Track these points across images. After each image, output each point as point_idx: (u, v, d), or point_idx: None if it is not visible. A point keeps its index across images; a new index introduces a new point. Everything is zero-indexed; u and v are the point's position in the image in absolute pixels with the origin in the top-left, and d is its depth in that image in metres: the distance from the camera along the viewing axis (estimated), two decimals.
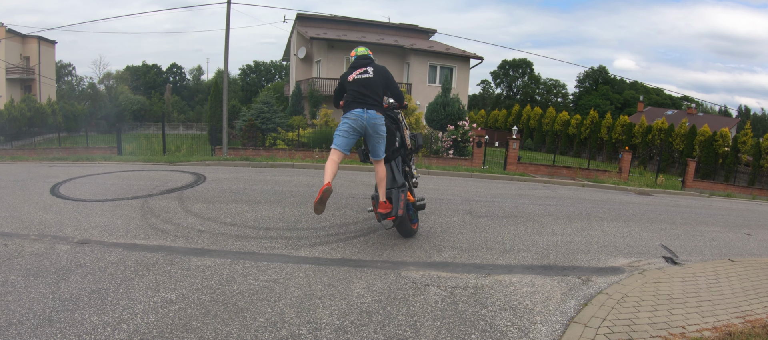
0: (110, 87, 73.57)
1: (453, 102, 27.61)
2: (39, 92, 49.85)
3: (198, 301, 5.34)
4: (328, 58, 38.63)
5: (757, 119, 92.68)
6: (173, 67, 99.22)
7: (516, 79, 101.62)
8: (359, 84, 7.56)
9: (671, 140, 45.21)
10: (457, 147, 25.85)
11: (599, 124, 51.70)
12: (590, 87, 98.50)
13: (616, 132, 49.98)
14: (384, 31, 44.83)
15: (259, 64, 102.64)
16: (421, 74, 39.51)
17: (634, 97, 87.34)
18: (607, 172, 27.90)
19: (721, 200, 21.11)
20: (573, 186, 19.80)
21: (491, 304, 5.75)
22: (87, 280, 5.83)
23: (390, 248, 7.74)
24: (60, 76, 70.89)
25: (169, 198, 10.78)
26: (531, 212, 11.71)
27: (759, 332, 5.40)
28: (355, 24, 44.83)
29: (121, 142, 25.58)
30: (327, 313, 5.22)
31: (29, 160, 21.80)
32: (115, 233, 7.95)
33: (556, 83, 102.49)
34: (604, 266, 7.78)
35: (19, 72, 49.08)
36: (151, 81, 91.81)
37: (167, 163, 18.40)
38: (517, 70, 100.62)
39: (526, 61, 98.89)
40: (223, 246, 7.43)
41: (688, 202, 18.35)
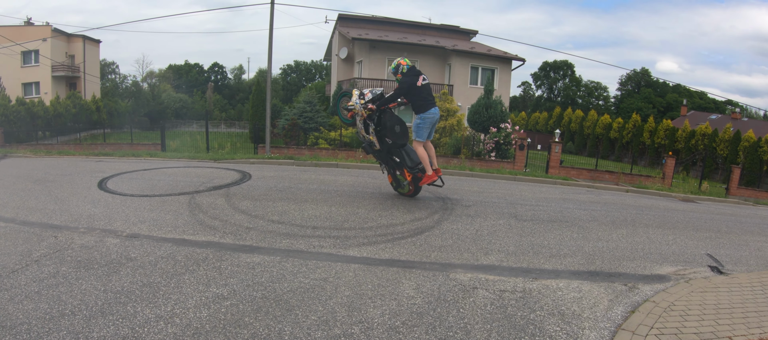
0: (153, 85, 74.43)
1: (495, 104, 27.46)
2: (84, 89, 50.67)
3: (249, 297, 5.39)
4: (370, 59, 38.67)
5: None
6: (215, 66, 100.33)
7: (557, 81, 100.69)
8: (427, 89, 10.24)
9: (715, 146, 44.43)
10: (499, 150, 25.72)
11: (641, 128, 51.02)
12: (632, 90, 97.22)
13: (658, 136, 49.30)
14: (425, 32, 44.72)
15: (300, 64, 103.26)
16: (463, 76, 39.35)
17: (677, 100, 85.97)
18: (651, 177, 27.54)
19: (766, 209, 20.69)
20: (617, 191, 19.55)
21: (539, 308, 5.72)
22: (138, 273, 5.93)
23: (437, 249, 7.73)
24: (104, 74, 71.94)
25: (215, 195, 10.90)
26: (576, 216, 11.60)
27: None
28: (396, 25, 44.77)
29: (165, 139, 25.89)
30: (378, 313, 5.23)
31: (75, 155, 22.12)
32: (163, 228, 8.07)
33: (597, 85, 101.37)
34: (650, 273, 7.68)
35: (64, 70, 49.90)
36: (193, 80, 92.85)
37: (212, 161, 18.57)
38: (557, 71, 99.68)
39: (567, 62, 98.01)
40: (272, 244, 7.49)
41: (733, 210, 18.00)
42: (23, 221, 8.46)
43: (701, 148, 45.02)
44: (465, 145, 26.00)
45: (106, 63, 77.47)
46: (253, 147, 26.17)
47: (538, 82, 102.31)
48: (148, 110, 60.09)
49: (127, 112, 55.67)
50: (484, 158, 25.02)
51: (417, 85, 9.96)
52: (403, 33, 42.69)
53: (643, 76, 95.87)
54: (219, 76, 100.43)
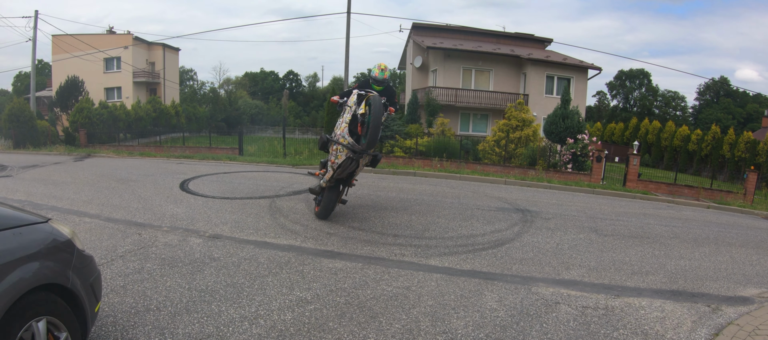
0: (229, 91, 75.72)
1: (572, 114, 27.07)
2: (163, 95, 52.09)
3: (333, 302, 5.45)
4: (445, 67, 38.56)
5: None
6: (290, 74, 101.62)
7: (633, 90, 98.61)
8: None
9: None
10: (576, 161, 25.36)
11: (721, 141, 49.43)
12: (711, 99, 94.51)
13: (738, 149, 47.65)
14: (499, 40, 44.33)
15: None
16: (538, 85, 38.87)
17: (758, 111, 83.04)
18: (732, 193, 26.73)
19: None
20: (697, 207, 19.07)
21: (622, 327, 5.63)
22: (221, 273, 6.07)
23: (518, 262, 7.70)
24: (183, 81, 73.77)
25: (296, 199, 11.07)
26: (657, 232, 11.37)
27: None
28: (471, 33, 44.47)
29: (243, 143, 26.38)
30: (461, 324, 5.22)
31: (156, 156, 22.79)
32: (245, 230, 8.24)
33: (674, 95, 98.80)
34: (733, 295, 7.46)
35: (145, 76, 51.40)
36: (269, 87, 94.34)
37: (290, 166, 18.86)
38: (633, 81, 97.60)
39: (643, 71, 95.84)
40: (353, 250, 7.57)
41: None
42: (108, 217, 8.78)
43: None
44: (541, 156, 25.72)
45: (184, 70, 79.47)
46: None
47: (614, 91, 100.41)
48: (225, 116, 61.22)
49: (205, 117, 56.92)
50: (560, 170, 24.71)
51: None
52: (478, 42, 42.42)
53: (722, 85, 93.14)
54: (294, 83, 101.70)
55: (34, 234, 3.56)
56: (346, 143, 8.39)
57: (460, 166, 23.20)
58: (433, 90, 37.60)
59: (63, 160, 20.15)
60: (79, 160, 19.99)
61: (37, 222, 3.66)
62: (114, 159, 20.78)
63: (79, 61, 41.96)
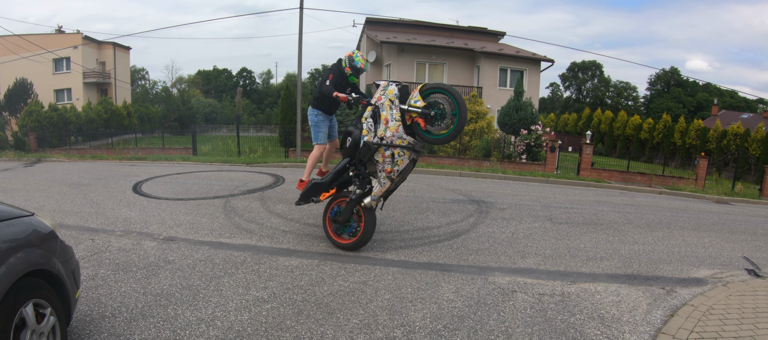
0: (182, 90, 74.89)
1: (526, 106, 27.33)
2: (115, 95, 51.29)
3: (290, 301, 5.42)
4: (399, 62, 38.60)
5: None
6: (243, 71, 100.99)
7: (585, 81, 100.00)
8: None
9: (747, 146, 43.69)
10: (530, 152, 25.64)
11: (672, 129, 50.37)
12: (662, 89, 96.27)
13: (689, 137, 48.62)
14: (453, 34, 44.57)
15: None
16: (492, 78, 39.13)
17: (708, 99, 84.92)
18: (683, 179, 27.25)
19: None
20: (650, 193, 19.39)
21: (579, 312, 5.71)
22: (177, 276, 5.99)
23: (474, 252, 7.76)
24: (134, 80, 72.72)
25: (250, 198, 10.98)
26: (611, 219, 11.55)
27: None
28: (424, 27, 44.66)
29: (196, 143, 26.15)
30: (419, 316, 5.24)
31: (108, 159, 22.47)
32: (200, 231, 8.14)
33: (626, 86, 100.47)
34: (687, 277, 7.63)
35: (95, 76, 50.52)
36: (222, 85, 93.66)
37: (244, 165, 18.71)
38: (586, 72, 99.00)
39: (595, 63, 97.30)
40: (309, 247, 7.55)
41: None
42: (60, 223, 8.57)
43: (733, 148, 44.39)
44: (495, 148, 25.94)
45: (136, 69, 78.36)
46: (284, 151, 26.28)
47: (567, 83, 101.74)
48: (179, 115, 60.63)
49: (158, 117, 56.31)
50: (515, 161, 24.93)
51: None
52: (432, 35, 42.56)
53: (673, 76, 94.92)
54: (247, 80, 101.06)
55: (22, 225, 3.86)
56: (407, 144, 7.06)
57: None
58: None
59: (12, 166, 19.69)
60: (30, 166, 19.57)
61: (23, 215, 3.97)
62: (65, 163, 20.40)
63: (28, 63, 41.05)
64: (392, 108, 7.11)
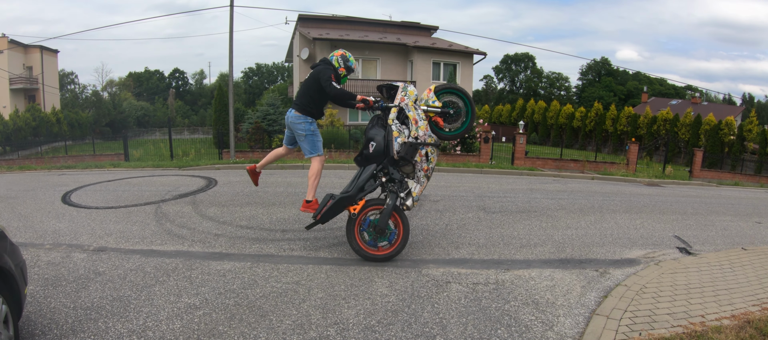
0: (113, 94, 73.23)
1: None
2: (43, 102, 49.90)
3: (222, 305, 5.34)
4: None
5: (762, 107, 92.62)
6: (176, 72, 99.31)
7: (518, 73, 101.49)
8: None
9: (676, 130, 45.00)
10: (464, 143, 25.84)
11: (604, 117, 51.51)
12: (593, 79, 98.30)
13: (621, 124, 49.80)
14: (386, 29, 44.70)
15: (261, 67, 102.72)
16: (425, 72, 39.35)
17: (638, 87, 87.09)
18: (615, 164, 27.85)
19: (729, 189, 21.08)
20: (582, 179, 19.77)
21: (514, 299, 5.79)
22: (107, 288, 5.81)
23: (408, 246, 7.76)
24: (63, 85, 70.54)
25: (182, 203, 10.78)
26: (544, 206, 11.73)
27: None
28: (358, 23, 44.67)
29: (128, 148, 25.64)
30: (353, 313, 5.23)
31: (37, 169, 21.80)
32: (131, 240, 7.94)
33: (558, 76, 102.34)
34: (620, 258, 7.83)
35: (22, 82, 49.09)
36: (154, 87, 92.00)
37: (176, 169, 18.41)
38: (519, 64, 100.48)
39: (528, 55, 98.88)
40: (242, 249, 7.44)
41: (697, 192, 18.33)
42: None
43: (663, 133, 45.61)
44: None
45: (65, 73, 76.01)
46: (218, 152, 25.94)
47: (500, 75, 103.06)
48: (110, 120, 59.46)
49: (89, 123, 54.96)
50: (449, 153, 25.07)
51: None
52: (364, 31, 42.60)
53: (604, 65, 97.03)
54: (180, 82, 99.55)
55: None
56: (434, 142, 7.20)
57: (349, 156, 23.19)
58: None
59: None
60: None
61: None
62: None
63: None
64: (416, 108, 7.13)
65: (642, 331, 5.04)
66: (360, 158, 7.43)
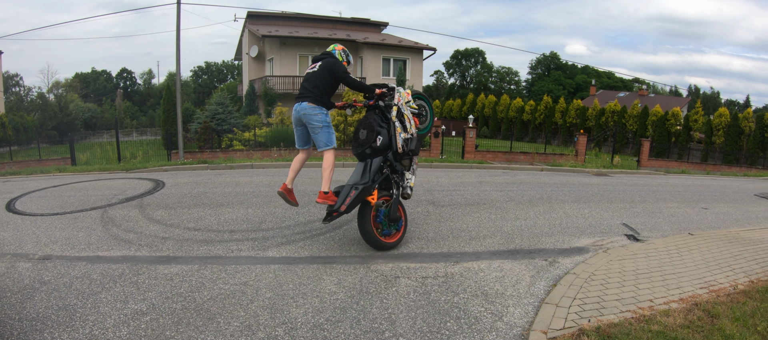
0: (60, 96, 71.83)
1: None
2: None
3: (169, 310, 5.27)
4: (281, 56, 38.40)
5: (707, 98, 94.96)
6: (123, 72, 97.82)
7: (469, 68, 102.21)
8: (305, 78, 7.62)
9: (624, 122, 45.80)
10: None
11: (553, 110, 52.20)
12: (543, 73, 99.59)
13: (570, 116, 50.52)
14: (336, 26, 44.74)
15: (211, 65, 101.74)
16: (375, 68, 39.47)
17: (586, 81, 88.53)
18: (564, 155, 28.25)
19: (676, 177, 21.48)
20: (532, 171, 19.97)
21: (463, 291, 5.84)
22: (53, 297, 5.69)
23: (357, 243, 7.78)
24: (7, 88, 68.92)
25: (129, 207, 10.60)
26: (493, 198, 11.82)
27: (724, 300, 5.59)
28: (307, 20, 44.60)
29: (75, 152, 25.16)
30: (301, 312, 5.21)
31: None
32: (77, 247, 7.78)
33: (508, 71, 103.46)
34: (569, 246, 7.96)
35: None
36: (102, 87, 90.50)
37: (124, 172, 18.11)
38: (469, 59, 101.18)
39: (478, 50, 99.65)
40: (189, 252, 7.36)
41: (645, 180, 18.65)
42: None
43: (611, 124, 46.36)
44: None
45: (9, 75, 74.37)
46: (167, 154, 25.62)
47: (451, 70, 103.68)
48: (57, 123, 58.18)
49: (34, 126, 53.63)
50: None
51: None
52: (314, 28, 42.55)
53: (553, 60, 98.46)
54: (128, 82, 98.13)
55: None
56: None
57: None
58: (271, 79, 37.49)
59: None
60: None
61: None
62: None
63: None
64: (407, 109, 7.83)
65: (591, 317, 5.12)
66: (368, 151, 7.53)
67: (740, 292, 5.95)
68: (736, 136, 38.99)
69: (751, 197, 15.14)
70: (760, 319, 5.08)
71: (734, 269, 7.06)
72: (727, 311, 5.25)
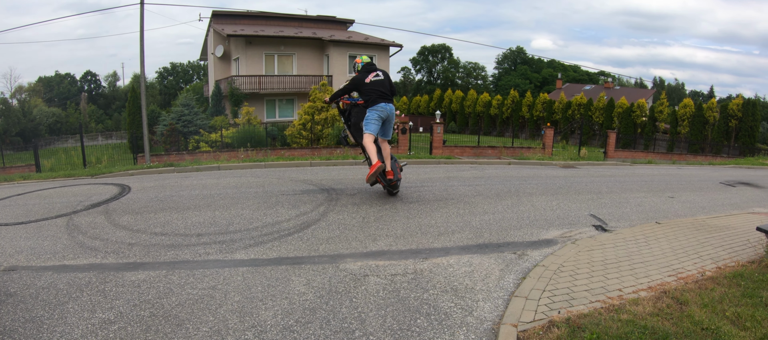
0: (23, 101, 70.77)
1: None
2: None
3: (137, 317, 5.22)
4: (247, 55, 38.20)
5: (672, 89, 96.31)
6: (88, 75, 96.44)
7: (436, 64, 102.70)
8: (378, 84, 10.00)
9: (591, 114, 46.36)
10: None
11: (520, 104, 52.66)
12: (509, 68, 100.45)
13: (537, 110, 51.00)
14: (302, 24, 44.59)
15: (176, 66, 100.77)
16: (342, 65, 39.44)
17: (553, 75, 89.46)
18: (532, 148, 28.48)
19: (642, 167, 21.69)
20: (499, 165, 20.04)
21: (432, 287, 5.86)
22: (19, 309, 5.59)
23: (325, 241, 7.78)
24: None
25: (94, 213, 10.46)
26: (461, 193, 11.86)
27: (692, 287, 5.67)
28: (273, 18, 44.41)
29: (39, 158, 24.83)
30: (270, 314, 5.20)
31: None
32: (42, 256, 7.66)
33: (475, 66, 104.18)
34: (537, 239, 8.03)
35: None
36: (65, 91, 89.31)
37: (89, 177, 17.86)
38: (436, 55, 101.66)
39: (445, 46, 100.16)
40: (156, 258, 7.27)
41: (612, 171, 18.82)
42: None
43: (578, 117, 46.86)
44: None
45: None
46: (133, 157, 25.42)
47: (418, 66, 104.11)
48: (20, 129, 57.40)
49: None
50: None
51: (365, 81, 10.02)
52: (280, 26, 42.39)
53: (519, 54, 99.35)
54: (93, 85, 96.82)
55: None
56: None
57: (266, 154, 23.04)
58: (237, 79, 37.34)
59: None
60: None
61: None
62: None
63: None
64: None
65: (561, 309, 5.18)
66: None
67: (708, 278, 6.03)
68: (700, 126, 39.61)
69: (717, 185, 15.36)
70: (728, 304, 5.16)
71: (702, 256, 7.16)
72: (695, 297, 5.33)
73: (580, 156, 27.33)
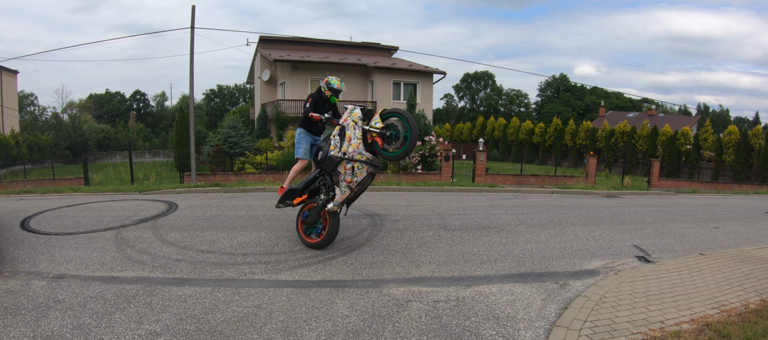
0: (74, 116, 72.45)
1: (418, 118, 27.66)
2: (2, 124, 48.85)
3: (183, 331, 5.32)
4: (293, 80, 38.59)
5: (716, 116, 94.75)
6: (137, 94, 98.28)
7: (478, 91, 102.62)
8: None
9: (634, 142, 45.70)
10: (425, 162, 25.89)
11: (563, 131, 52.14)
12: (552, 95, 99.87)
13: (579, 138, 50.43)
14: (347, 50, 44.98)
15: (223, 88, 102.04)
16: (386, 92, 39.62)
17: (595, 102, 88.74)
18: (574, 177, 28.18)
19: (686, 197, 21.42)
20: (542, 194, 19.91)
21: (474, 315, 5.86)
22: (67, 316, 5.75)
23: (368, 266, 7.83)
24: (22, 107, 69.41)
25: (142, 228, 10.66)
26: (504, 221, 11.82)
27: (735, 320, 5.59)
28: (318, 45, 44.89)
29: (89, 172, 25.25)
30: (314, 335, 5.25)
31: None
32: (90, 267, 7.85)
33: (518, 93, 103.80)
34: (579, 269, 7.97)
35: None
36: (115, 109, 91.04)
37: (137, 193, 18.18)
38: (479, 82, 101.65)
39: (488, 73, 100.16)
40: (203, 274, 7.41)
41: (655, 201, 18.60)
42: None
43: (621, 145, 46.23)
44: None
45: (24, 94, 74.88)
46: (179, 176, 25.64)
47: (461, 93, 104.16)
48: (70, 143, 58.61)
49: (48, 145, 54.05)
50: (410, 172, 25.11)
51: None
52: (325, 52, 42.80)
53: (562, 82, 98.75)
54: (142, 104, 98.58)
55: None
56: (366, 159, 8.20)
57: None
58: (282, 103, 37.61)
59: None
60: None
61: None
62: None
63: None
64: (356, 128, 8.20)
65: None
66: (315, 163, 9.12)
67: (751, 311, 5.96)
68: (746, 153, 38.81)
69: (762, 215, 15.14)
70: None
71: (746, 288, 7.08)
72: (738, 330, 5.27)
73: (624, 185, 26.98)
